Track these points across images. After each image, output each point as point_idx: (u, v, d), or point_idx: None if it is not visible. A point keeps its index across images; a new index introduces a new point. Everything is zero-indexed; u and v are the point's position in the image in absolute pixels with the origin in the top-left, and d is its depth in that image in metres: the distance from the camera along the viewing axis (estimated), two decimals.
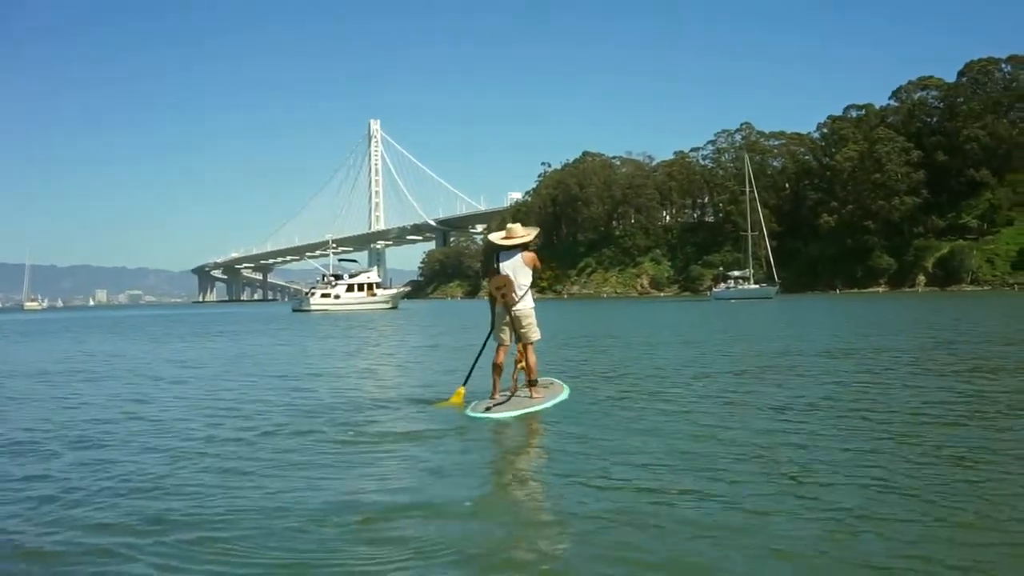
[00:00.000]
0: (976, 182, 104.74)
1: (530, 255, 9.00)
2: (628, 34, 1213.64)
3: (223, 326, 39.80)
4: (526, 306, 8.93)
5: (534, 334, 9.05)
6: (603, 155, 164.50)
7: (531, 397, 8.89)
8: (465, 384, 9.47)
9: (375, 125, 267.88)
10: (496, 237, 9.30)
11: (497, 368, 9.07)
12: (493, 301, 9.03)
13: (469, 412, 8.45)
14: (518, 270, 8.94)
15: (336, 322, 43.35)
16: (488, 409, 8.39)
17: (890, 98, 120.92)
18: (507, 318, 8.94)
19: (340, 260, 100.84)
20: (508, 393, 8.97)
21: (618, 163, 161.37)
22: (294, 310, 78.84)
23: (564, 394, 9.47)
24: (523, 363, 9.05)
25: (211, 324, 43.95)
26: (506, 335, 9.02)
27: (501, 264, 9.02)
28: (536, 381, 9.11)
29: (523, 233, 9.14)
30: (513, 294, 8.84)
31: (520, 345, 9.06)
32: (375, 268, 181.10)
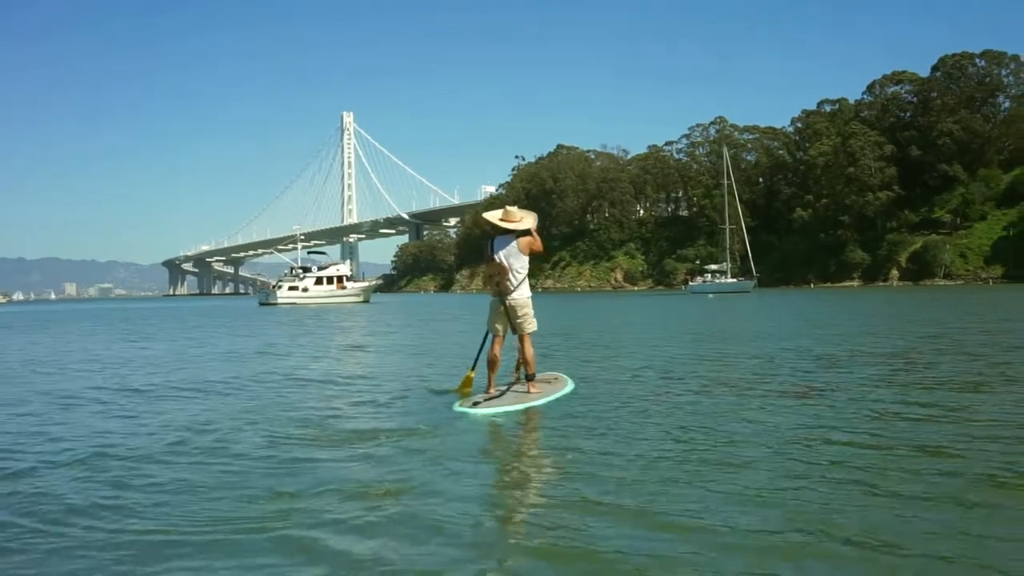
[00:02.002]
0: (949, 177, 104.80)
1: (526, 239, 8.48)
2: (601, 27, 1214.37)
3: (165, 321, 37.93)
4: (521, 295, 8.47)
5: (530, 325, 8.55)
6: (577, 148, 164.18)
7: (528, 392, 8.40)
8: (474, 368, 8.99)
9: (348, 118, 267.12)
10: (493, 216, 8.68)
11: (492, 361, 8.55)
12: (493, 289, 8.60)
13: (456, 407, 7.90)
14: (513, 256, 8.44)
15: (301, 316, 41.93)
16: (476, 404, 7.86)
17: (864, 93, 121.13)
18: (501, 308, 8.47)
19: (309, 253, 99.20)
20: (503, 388, 8.43)
21: (592, 156, 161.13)
22: (260, 303, 77.26)
23: (566, 389, 8.90)
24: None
25: (155, 319, 41.80)
26: (501, 326, 8.57)
27: (496, 250, 8.50)
28: (534, 375, 8.66)
29: (520, 217, 8.56)
30: (507, 282, 8.38)
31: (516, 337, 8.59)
32: (348, 261, 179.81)
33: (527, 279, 8.56)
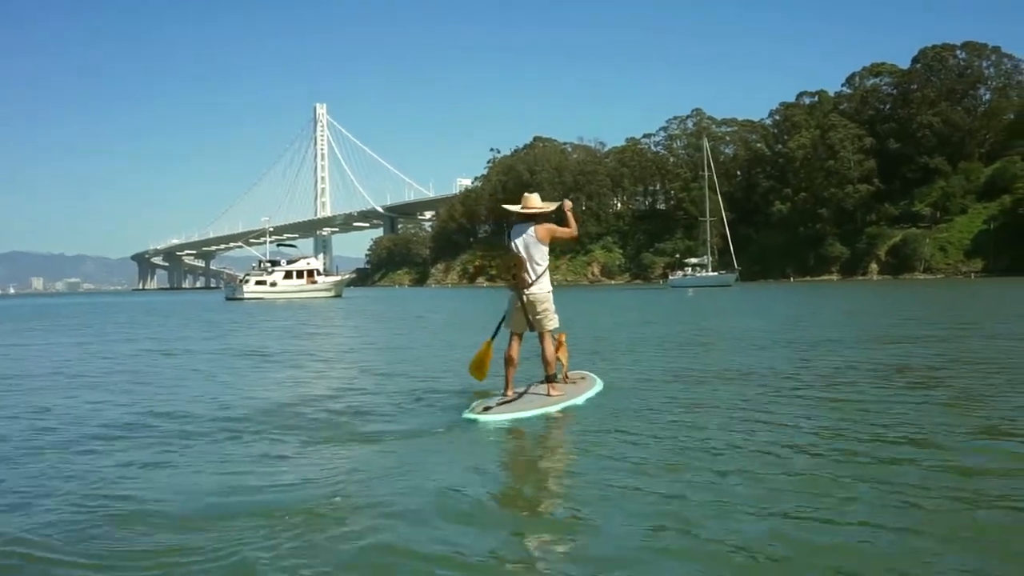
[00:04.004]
0: (929, 169, 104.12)
1: (545, 227, 7.78)
2: (579, 17, 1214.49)
3: (106, 317, 35.64)
4: (541, 289, 7.77)
5: (550, 321, 7.83)
6: (554, 141, 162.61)
7: (548, 395, 7.70)
8: (493, 338, 8.18)
9: (321, 109, 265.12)
10: (514, 206, 8.05)
11: (510, 361, 7.84)
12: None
13: (465, 414, 7.18)
14: (532, 247, 7.73)
15: (261, 312, 39.75)
16: (487, 409, 7.13)
17: (843, 85, 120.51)
18: (519, 303, 7.73)
19: (279, 246, 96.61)
20: (521, 390, 7.78)
21: (569, 149, 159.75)
22: (227, 298, 74.88)
23: (593, 391, 8.22)
24: (558, 351, 8.14)
25: (95, 315, 39.63)
26: (519, 322, 7.82)
27: (513, 240, 7.83)
28: (554, 376, 7.96)
29: (539, 205, 7.91)
30: (525, 275, 7.68)
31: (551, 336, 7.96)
32: (320, 255, 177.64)
33: (548, 272, 7.83)
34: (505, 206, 8.34)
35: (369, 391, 9.12)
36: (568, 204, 8.11)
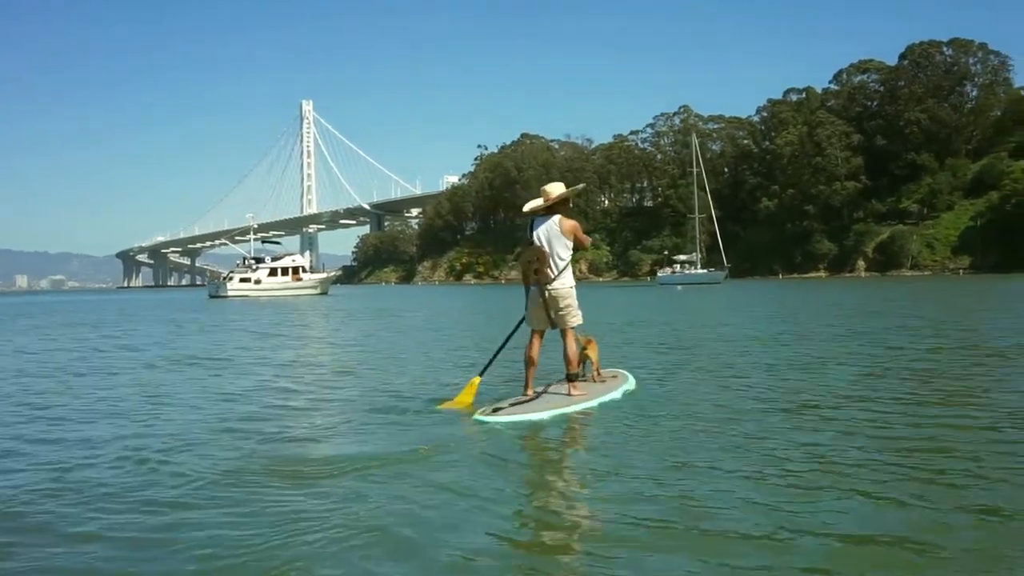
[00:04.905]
0: (916, 166, 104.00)
1: (570, 223, 7.42)
2: (564, 12, 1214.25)
3: (68, 316, 34.64)
4: (564, 285, 7.34)
5: (573, 318, 7.39)
6: (541, 138, 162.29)
7: (569, 395, 7.26)
8: (482, 375, 7.76)
9: (307, 106, 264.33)
10: (534, 203, 7.68)
11: (530, 361, 7.43)
12: (526, 279, 7.50)
13: (476, 416, 6.72)
14: (554, 239, 7.34)
15: (239, 310, 38.98)
16: (498, 410, 6.72)
17: (831, 81, 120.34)
18: (541, 299, 7.31)
19: (263, 243, 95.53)
20: (540, 391, 7.44)
21: (556, 146, 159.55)
22: (210, 296, 73.98)
23: (620, 390, 7.76)
24: (586, 349, 7.87)
25: (61, 314, 38.60)
26: (540, 319, 7.40)
27: (536, 232, 7.42)
28: (576, 375, 7.48)
29: (559, 192, 7.51)
30: (547, 269, 7.26)
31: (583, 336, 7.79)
32: (307, 252, 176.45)
33: (570, 267, 7.43)
34: (527, 207, 7.81)
35: (335, 399, 8.45)
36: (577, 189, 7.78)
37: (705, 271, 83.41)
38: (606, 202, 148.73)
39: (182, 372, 11.41)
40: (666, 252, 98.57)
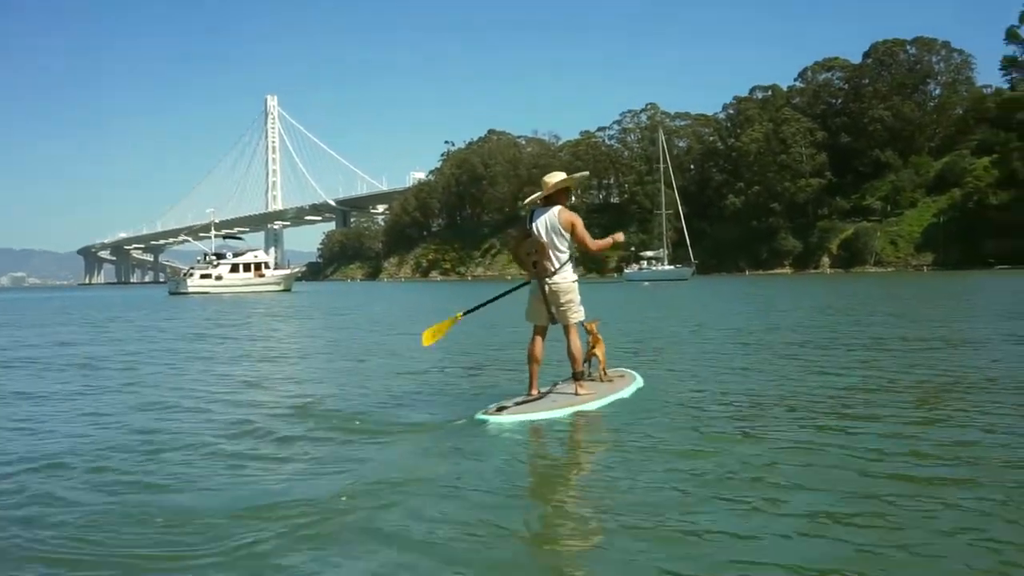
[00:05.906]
0: (880, 163, 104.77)
1: (569, 215, 7.07)
2: (534, 9, 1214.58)
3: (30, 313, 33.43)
4: (565, 279, 7.03)
5: (575, 314, 7.07)
6: (508, 134, 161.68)
7: (576, 394, 7.00)
8: (466, 314, 7.55)
9: (272, 101, 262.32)
10: (536, 196, 7.37)
11: (533, 358, 7.11)
12: (527, 270, 7.15)
13: (478, 415, 6.46)
14: (554, 231, 7.01)
15: (189, 308, 37.81)
16: (502, 409, 6.45)
17: (796, 79, 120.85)
18: (540, 292, 7.02)
19: (226, 238, 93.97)
20: (545, 390, 7.11)
21: (524, 142, 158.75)
22: (171, 293, 72.60)
23: (628, 390, 7.49)
24: (593, 348, 7.68)
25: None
26: (540, 314, 7.07)
27: (534, 223, 7.08)
28: (582, 374, 7.22)
29: (558, 180, 7.22)
30: (547, 262, 6.92)
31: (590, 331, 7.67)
32: (272, 249, 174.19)
33: (571, 261, 7.12)
34: (526, 202, 7.50)
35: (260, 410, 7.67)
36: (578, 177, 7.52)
37: (672, 267, 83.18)
38: (573, 198, 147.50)
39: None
40: (632, 248, 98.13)
